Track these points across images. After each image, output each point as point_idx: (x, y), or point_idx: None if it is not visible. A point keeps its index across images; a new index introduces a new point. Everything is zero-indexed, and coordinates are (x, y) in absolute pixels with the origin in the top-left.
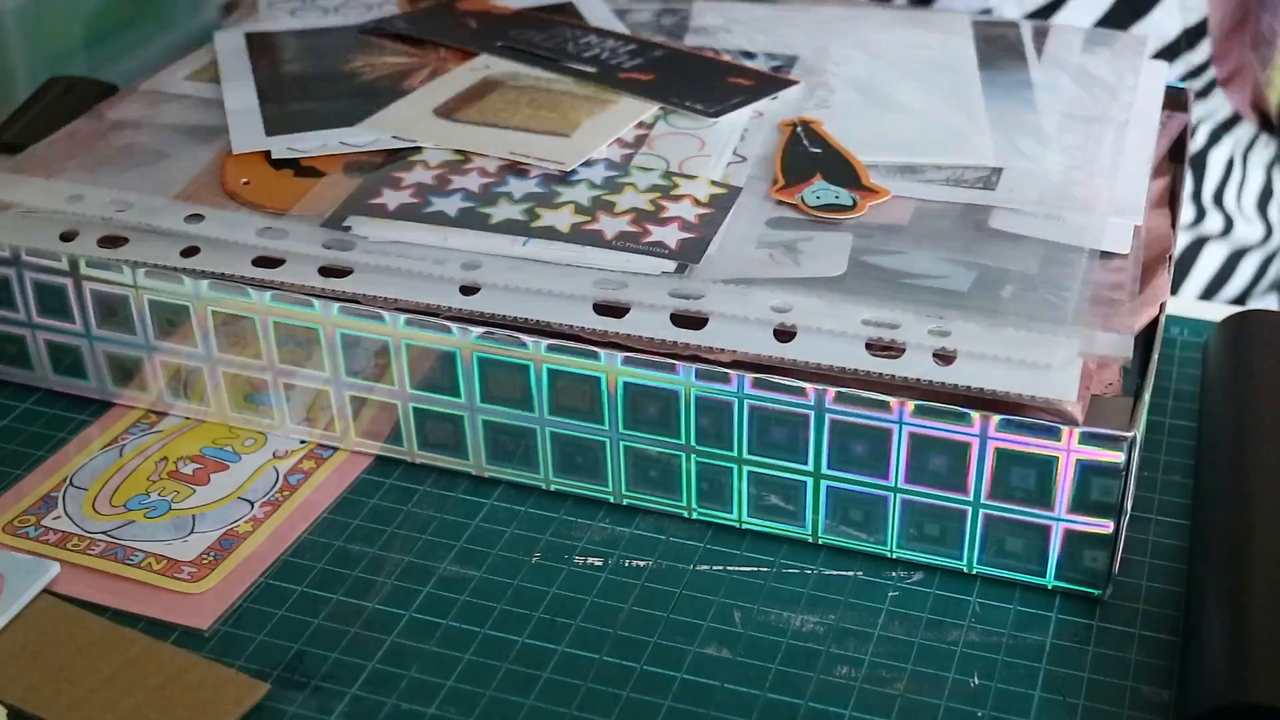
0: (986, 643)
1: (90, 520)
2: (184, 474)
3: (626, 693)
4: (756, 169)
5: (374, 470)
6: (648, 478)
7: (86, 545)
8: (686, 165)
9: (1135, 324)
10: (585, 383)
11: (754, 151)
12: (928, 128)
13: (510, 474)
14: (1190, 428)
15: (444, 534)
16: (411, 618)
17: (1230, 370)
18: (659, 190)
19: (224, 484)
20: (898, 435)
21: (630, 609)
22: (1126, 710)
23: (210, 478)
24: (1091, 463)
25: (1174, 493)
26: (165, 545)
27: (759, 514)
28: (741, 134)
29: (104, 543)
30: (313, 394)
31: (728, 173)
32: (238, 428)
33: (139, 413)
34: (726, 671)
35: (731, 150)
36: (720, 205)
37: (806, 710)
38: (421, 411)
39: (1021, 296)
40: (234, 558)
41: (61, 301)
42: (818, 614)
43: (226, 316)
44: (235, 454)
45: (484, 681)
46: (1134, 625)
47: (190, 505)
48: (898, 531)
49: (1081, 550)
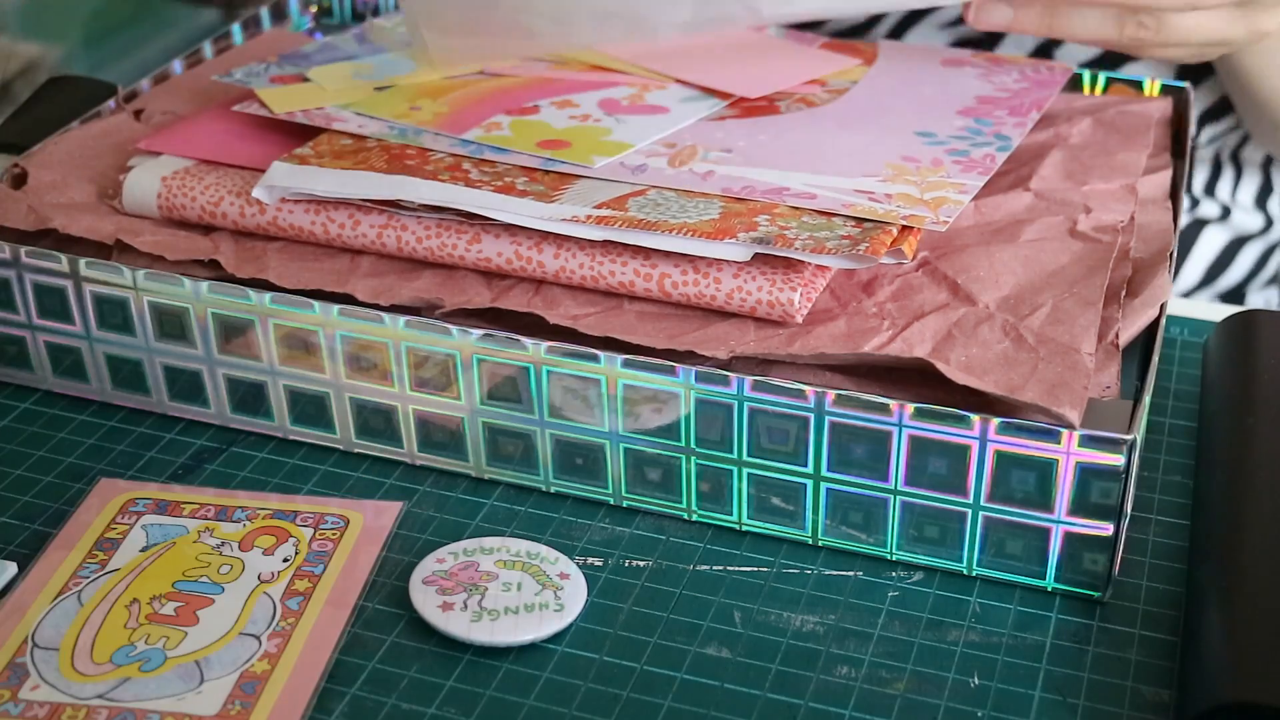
0: (986, 643)
1: (77, 684)
2: (166, 615)
3: (626, 693)
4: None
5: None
6: (647, 479)
7: (86, 715)
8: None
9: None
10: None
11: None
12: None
13: (510, 475)
14: (1190, 428)
15: (444, 534)
16: (411, 618)
17: (1230, 370)
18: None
19: (217, 621)
20: (897, 438)
21: (630, 609)
22: (1126, 710)
23: (198, 615)
24: (1091, 466)
25: (1174, 493)
26: (178, 700)
27: (759, 514)
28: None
29: (105, 708)
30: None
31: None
32: (202, 555)
33: (81, 553)
34: (726, 671)
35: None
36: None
37: (806, 710)
38: (422, 413)
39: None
40: (264, 702)
41: (61, 303)
42: (818, 614)
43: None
44: (215, 584)
45: (484, 681)
46: (1134, 625)
47: (188, 650)
48: (898, 533)
49: (1081, 553)
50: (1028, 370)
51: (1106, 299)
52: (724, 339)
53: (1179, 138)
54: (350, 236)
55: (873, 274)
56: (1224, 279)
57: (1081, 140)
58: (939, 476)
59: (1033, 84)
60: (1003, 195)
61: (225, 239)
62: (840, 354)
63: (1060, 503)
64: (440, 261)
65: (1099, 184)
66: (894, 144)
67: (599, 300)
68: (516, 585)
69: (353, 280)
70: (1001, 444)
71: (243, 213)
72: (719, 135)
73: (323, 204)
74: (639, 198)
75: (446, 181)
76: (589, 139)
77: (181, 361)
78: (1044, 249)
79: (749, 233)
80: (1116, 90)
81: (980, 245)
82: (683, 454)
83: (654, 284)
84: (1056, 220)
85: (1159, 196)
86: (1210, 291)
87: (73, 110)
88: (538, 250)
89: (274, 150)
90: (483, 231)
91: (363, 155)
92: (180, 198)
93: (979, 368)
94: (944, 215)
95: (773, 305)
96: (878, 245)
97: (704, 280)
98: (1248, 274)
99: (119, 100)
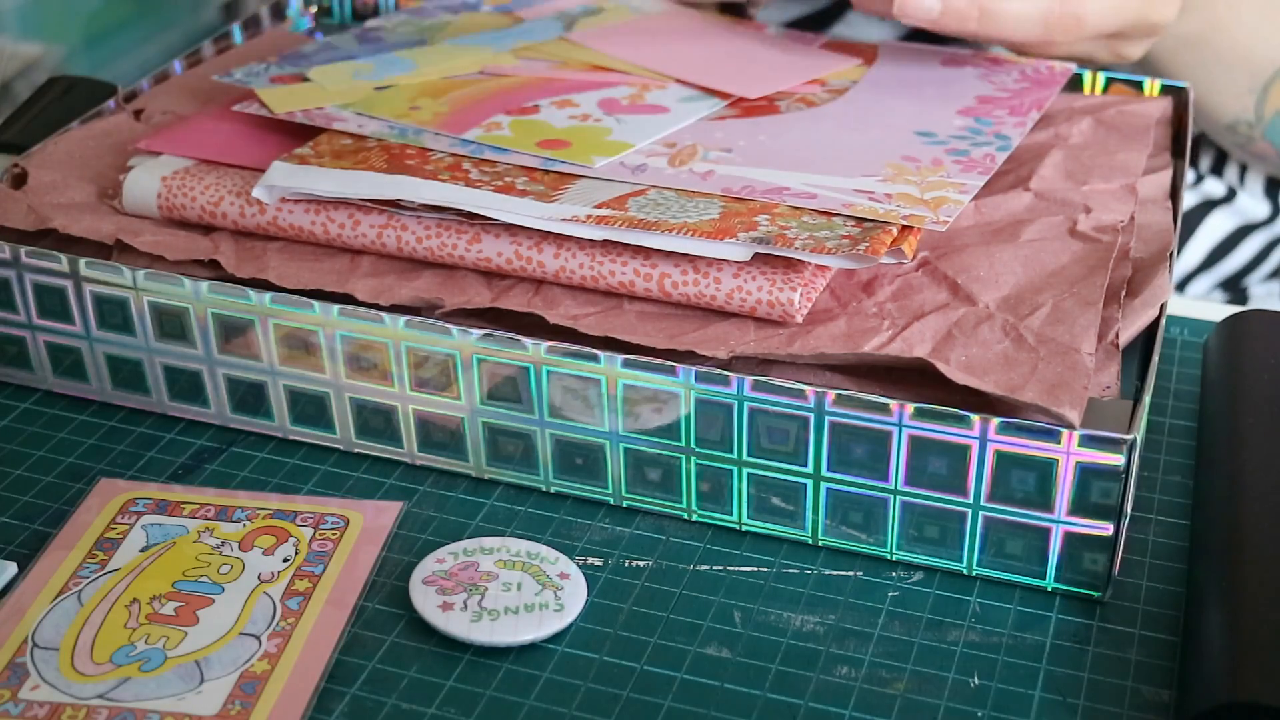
0: (986, 643)
1: (77, 684)
2: (166, 615)
3: (626, 693)
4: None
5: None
6: (647, 479)
7: (86, 715)
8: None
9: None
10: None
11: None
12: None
13: (510, 475)
14: (1190, 428)
15: (444, 534)
16: (411, 618)
17: (1230, 370)
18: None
19: (217, 620)
20: (897, 438)
21: (630, 609)
22: (1126, 710)
23: (198, 615)
24: (1091, 466)
25: (1174, 493)
26: (178, 700)
27: (759, 514)
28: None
29: (105, 708)
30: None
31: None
32: (202, 555)
33: (81, 553)
34: (726, 671)
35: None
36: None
37: (806, 710)
38: (422, 413)
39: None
40: (264, 702)
41: (61, 303)
42: (818, 614)
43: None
44: (215, 584)
45: (484, 681)
46: (1134, 625)
47: (188, 650)
48: (898, 533)
49: (1081, 553)
50: (1028, 370)
51: (1106, 299)
52: (724, 339)
53: (1179, 138)
54: (350, 236)
55: (873, 274)
56: (1225, 265)
57: (1081, 140)
58: (939, 476)
59: (1033, 84)
60: (1003, 195)
61: (225, 239)
62: (840, 354)
63: (1060, 503)
64: (440, 261)
65: (1099, 184)
66: (894, 144)
67: (599, 300)
68: (516, 585)
69: (353, 280)
70: (1001, 444)
71: (243, 213)
72: (719, 135)
73: (323, 204)
74: (639, 197)
75: (446, 181)
76: (589, 139)
77: (181, 361)
78: (1044, 249)
79: (749, 232)
80: (1116, 90)
81: (980, 245)
82: (683, 454)
83: (654, 284)
84: (1056, 220)
85: (1159, 196)
86: (1210, 277)
87: (73, 110)
88: (538, 250)
89: (274, 150)
90: (483, 231)
91: (363, 155)
92: (180, 198)
93: (979, 368)
94: (944, 215)
95: (773, 305)
96: (878, 245)
97: (704, 280)
98: (1249, 263)
99: (119, 100)
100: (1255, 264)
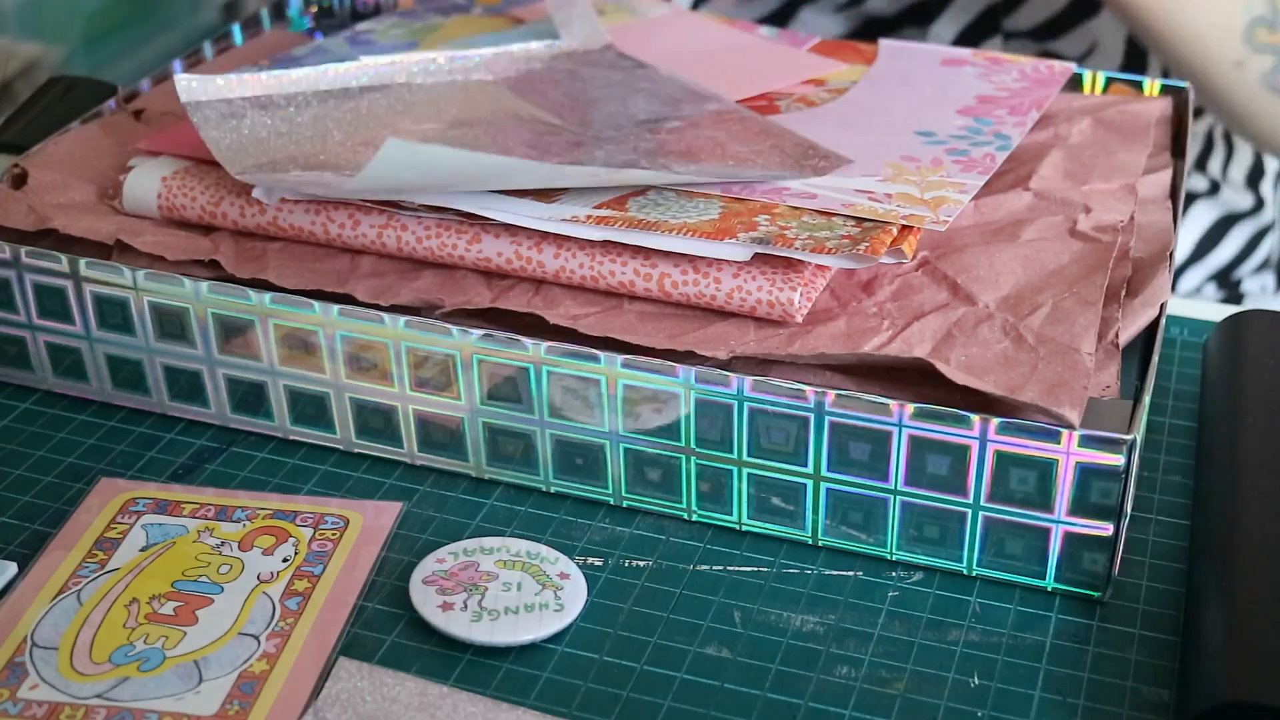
0: (986, 643)
1: (76, 684)
2: (165, 615)
3: (626, 693)
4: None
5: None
6: (647, 479)
7: (84, 715)
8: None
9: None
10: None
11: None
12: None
13: (510, 475)
14: (1190, 428)
15: (444, 534)
16: (411, 618)
17: (1230, 370)
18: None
19: (216, 620)
20: (897, 438)
21: (630, 609)
22: (1126, 710)
23: (197, 615)
24: (1091, 466)
25: (1174, 493)
26: (176, 700)
27: (759, 514)
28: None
29: (104, 708)
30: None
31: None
32: (202, 555)
33: (80, 553)
34: (726, 671)
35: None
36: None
37: (806, 710)
38: (422, 413)
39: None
40: (262, 702)
41: (62, 303)
42: (818, 614)
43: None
44: (215, 584)
45: (484, 681)
46: (1134, 625)
47: (187, 650)
48: (898, 533)
49: (1081, 552)
50: (1028, 370)
51: (1106, 299)
52: (724, 339)
53: (1179, 137)
54: (350, 236)
55: (873, 274)
56: (1214, 257)
57: (1081, 140)
58: (939, 476)
59: (1032, 83)
60: (1003, 195)
61: (225, 239)
62: (840, 354)
63: (1060, 503)
64: (440, 261)
65: (1099, 184)
66: (894, 144)
67: (599, 300)
68: (516, 585)
69: (353, 280)
70: (1001, 444)
71: (243, 213)
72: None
73: (323, 204)
74: (639, 197)
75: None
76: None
77: (181, 361)
78: (1044, 249)
79: (749, 233)
80: (1116, 90)
81: (980, 245)
82: (683, 454)
83: (654, 284)
84: (1056, 220)
85: (1159, 196)
86: (1201, 270)
87: (73, 110)
88: (538, 250)
89: None
90: (483, 231)
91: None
92: (180, 198)
93: (979, 368)
94: (944, 215)
95: (773, 305)
96: (878, 245)
97: (704, 280)
98: (1238, 255)
99: (119, 100)
100: (1244, 256)
